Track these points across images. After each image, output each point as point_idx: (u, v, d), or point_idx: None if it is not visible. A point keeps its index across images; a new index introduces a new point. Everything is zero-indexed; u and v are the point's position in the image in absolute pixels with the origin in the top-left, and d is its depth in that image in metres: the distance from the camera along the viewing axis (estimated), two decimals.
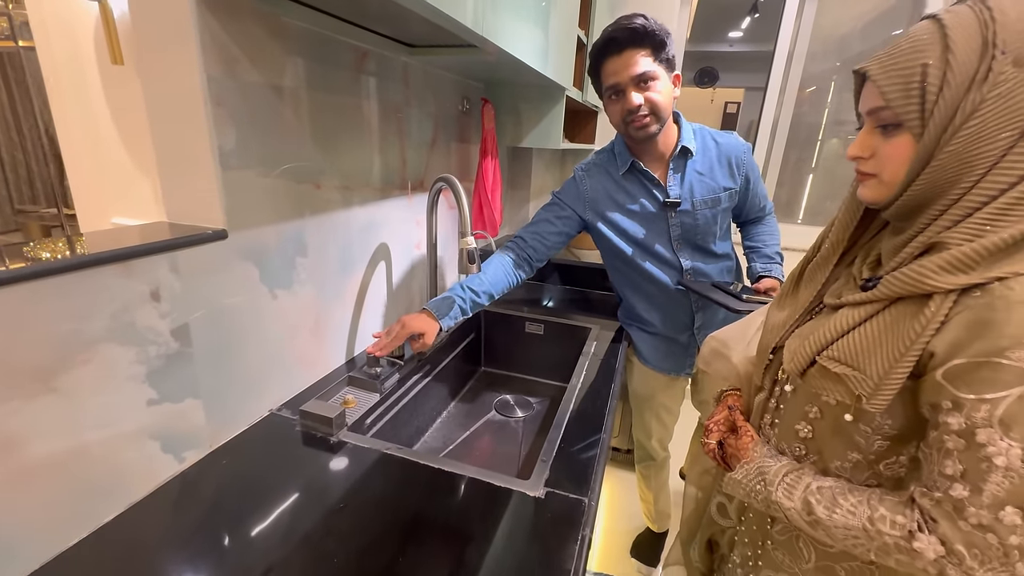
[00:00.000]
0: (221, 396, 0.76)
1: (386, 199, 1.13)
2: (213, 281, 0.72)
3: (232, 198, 0.72)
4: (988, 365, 0.44)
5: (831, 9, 2.24)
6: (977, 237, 0.45)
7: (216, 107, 0.67)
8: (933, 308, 0.47)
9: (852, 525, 0.52)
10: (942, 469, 0.47)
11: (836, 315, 0.56)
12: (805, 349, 0.57)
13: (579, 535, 0.63)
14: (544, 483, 0.72)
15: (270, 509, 0.66)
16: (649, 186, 1.13)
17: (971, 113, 0.45)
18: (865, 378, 0.50)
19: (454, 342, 1.29)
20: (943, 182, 0.47)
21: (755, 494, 0.60)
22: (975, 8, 0.45)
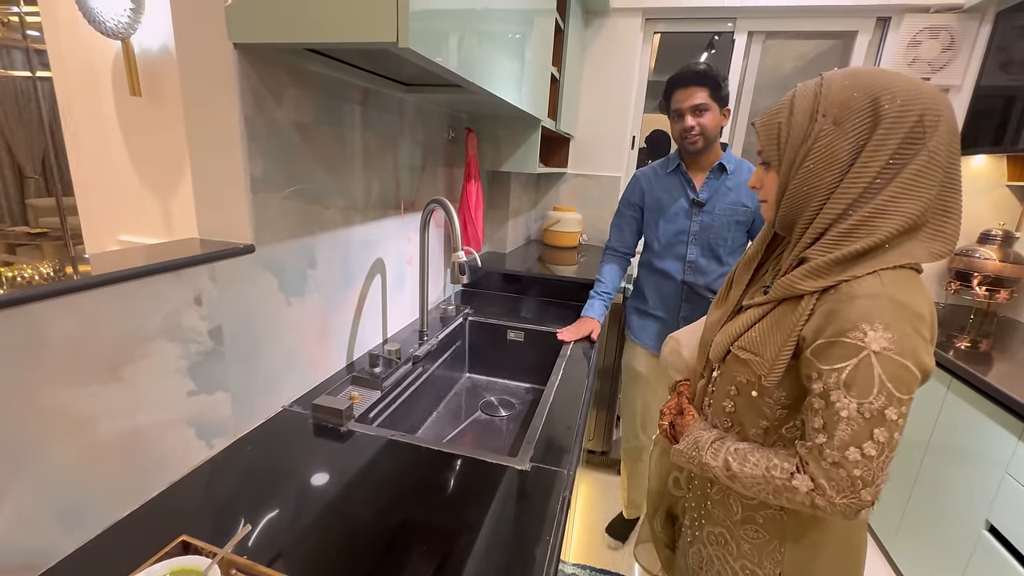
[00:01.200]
0: (245, 390, 0.86)
1: (382, 218, 1.26)
2: (242, 289, 0.83)
3: (258, 217, 0.84)
4: (836, 343, 0.59)
5: (773, 51, 2.52)
6: (828, 253, 0.61)
7: (250, 141, 0.80)
8: (803, 305, 0.63)
9: (756, 474, 0.65)
10: (812, 424, 0.61)
11: (743, 314, 0.73)
12: (722, 341, 0.74)
13: (560, 496, 0.76)
14: (530, 459, 0.85)
15: (296, 484, 0.76)
16: (684, 185, 1.45)
17: (804, 157, 0.63)
18: (763, 361, 0.66)
19: (442, 348, 1.41)
20: (796, 206, 0.65)
21: (692, 460, 0.74)
22: (817, 81, 0.64)
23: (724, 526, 0.78)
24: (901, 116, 0.57)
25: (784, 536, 0.71)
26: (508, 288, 1.94)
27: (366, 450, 0.86)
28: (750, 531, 0.74)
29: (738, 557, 0.76)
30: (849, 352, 0.58)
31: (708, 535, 0.81)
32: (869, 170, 0.59)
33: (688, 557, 0.85)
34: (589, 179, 2.58)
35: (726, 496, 0.77)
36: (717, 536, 0.79)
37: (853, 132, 0.60)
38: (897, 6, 2.10)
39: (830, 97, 0.61)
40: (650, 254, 1.54)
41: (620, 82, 2.45)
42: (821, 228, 0.63)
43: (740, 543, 0.75)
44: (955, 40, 2.07)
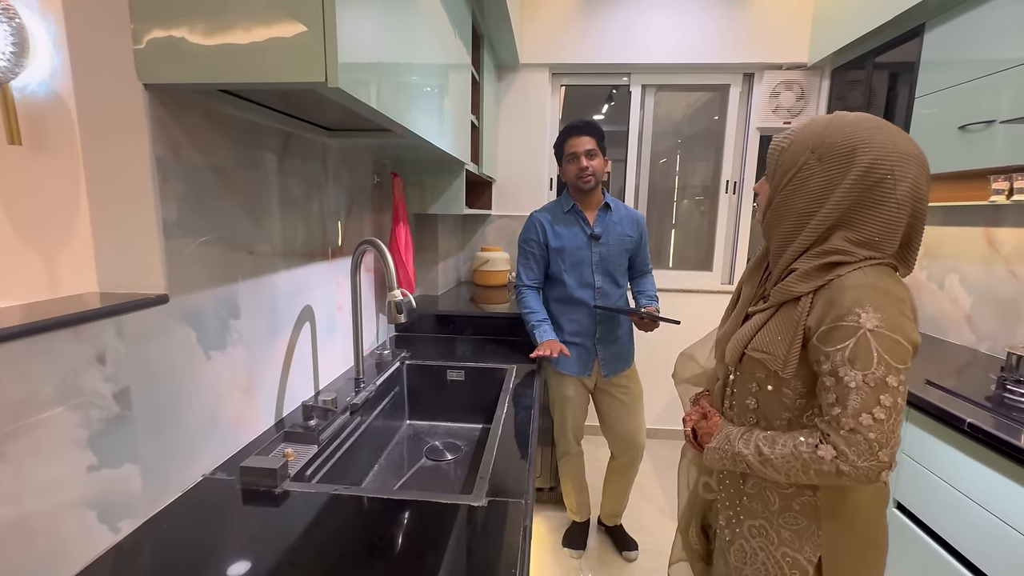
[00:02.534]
0: (158, 461, 0.76)
1: (309, 264, 1.21)
2: (154, 344, 0.75)
3: (173, 265, 0.77)
4: (837, 327, 0.69)
5: (665, 101, 2.86)
6: (810, 263, 0.74)
7: (163, 184, 0.75)
8: (803, 302, 0.74)
9: (785, 452, 0.73)
10: (826, 401, 0.70)
11: (750, 320, 0.83)
12: (735, 346, 0.83)
13: (521, 527, 0.74)
14: (485, 494, 0.82)
15: (225, 562, 0.67)
16: (581, 222, 1.68)
17: (788, 181, 0.77)
18: (775, 357, 0.76)
19: (380, 395, 1.35)
20: (775, 218, 0.79)
21: (725, 453, 0.80)
22: (825, 121, 0.75)
23: (763, 518, 0.82)
24: (871, 168, 0.69)
25: (820, 519, 0.78)
26: (443, 329, 1.91)
27: (307, 510, 0.79)
28: (789, 519, 0.80)
29: (779, 546, 0.80)
30: (848, 332, 0.68)
31: (748, 529, 0.84)
32: (843, 206, 0.72)
33: (729, 556, 0.88)
34: (514, 219, 2.68)
35: (762, 489, 0.82)
36: (758, 528, 0.83)
37: (829, 171, 0.72)
38: (758, 64, 2.48)
39: (825, 138, 0.73)
40: (562, 288, 1.70)
41: (534, 129, 2.62)
42: (803, 246, 0.76)
43: (780, 532, 0.80)
44: (805, 92, 2.48)
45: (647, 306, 1.73)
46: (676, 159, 3.19)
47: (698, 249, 3.02)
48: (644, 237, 1.77)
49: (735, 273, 2.77)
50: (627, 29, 2.46)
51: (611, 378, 1.75)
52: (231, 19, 0.66)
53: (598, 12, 2.46)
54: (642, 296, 1.79)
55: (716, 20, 2.42)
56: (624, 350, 1.77)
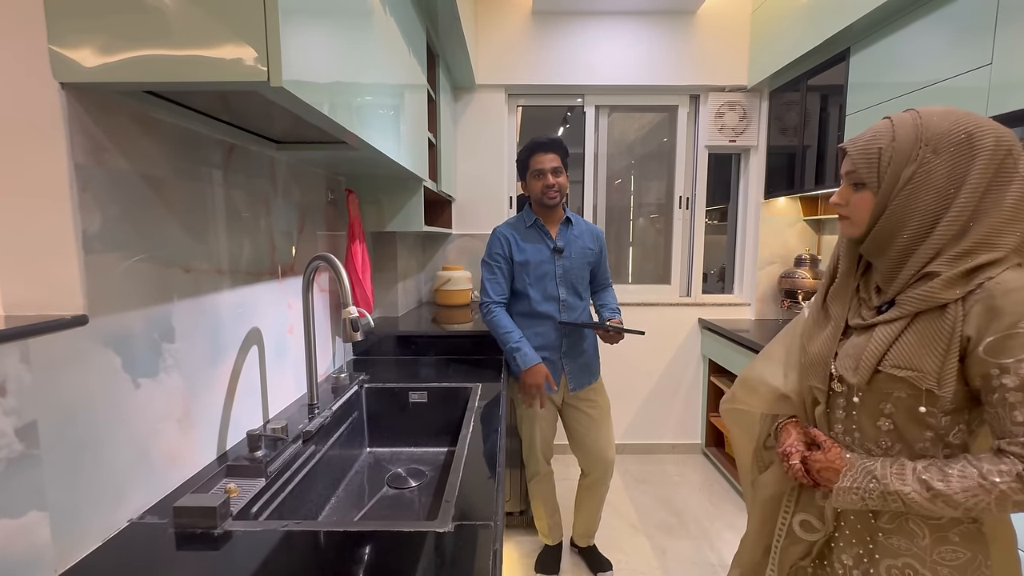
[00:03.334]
0: (72, 506, 0.66)
1: (256, 283, 1.13)
2: (69, 372, 0.66)
3: (94, 282, 0.69)
4: (1012, 336, 0.62)
5: (618, 123, 2.95)
6: (955, 266, 0.66)
7: (83, 192, 0.67)
8: (952, 311, 0.66)
9: (969, 486, 0.64)
10: (1014, 418, 0.63)
11: (875, 332, 0.73)
12: (866, 363, 0.72)
13: (491, 551, 0.69)
14: (452, 519, 0.77)
15: None
16: (544, 236, 1.69)
17: (907, 180, 0.68)
18: (925, 375, 0.67)
19: (337, 422, 1.26)
20: (895, 223, 0.70)
21: (869, 493, 0.70)
22: (912, 115, 0.70)
23: (910, 555, 0.72)
24: (996, 149, 0.65)
25: (988, 548, 0.69)
26: (404, 351, 1.84)
27: (254, 550, 0.70)
28: (947, 553, 0.70)
29: None
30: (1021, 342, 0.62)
31: (888, 569, 0.74)
32: (977, 195, 0.66)
33: None
34: (475, 238, 2.66)
35: (904, 522, 0.73)
36: (901, 568, 0.73)
37: (952, 161, 0.67)
38: (702, 86, 2.62)
39: (930, 129, 0.68)
40: (526, 302, 1.68)
41: (492, 148, 2.64)
42: (939, 245, 0.68)
43: (937, 569, 0.70)
44: (747, 112, 2.62)
45: (611, 319, 1.73)
46: (630, 179, 3.29)
47: (656, 264, 3.10)
48: (604, 250, 1.80)
49: (693, 284, 2.85)
50: (579, 52, 2.55)
51: (578, 392, 1.72)
52: (159, 11, 0.61)
53: (551, 35, 2.54)
54: (605, 309, 1.79)
55: (662, 44, 2.54)
56: (590, 363, 1.75)
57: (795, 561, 0.85)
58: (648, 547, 2.00)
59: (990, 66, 1.38)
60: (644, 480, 2.55)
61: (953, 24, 1.50)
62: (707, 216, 2.84)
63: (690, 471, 2.64)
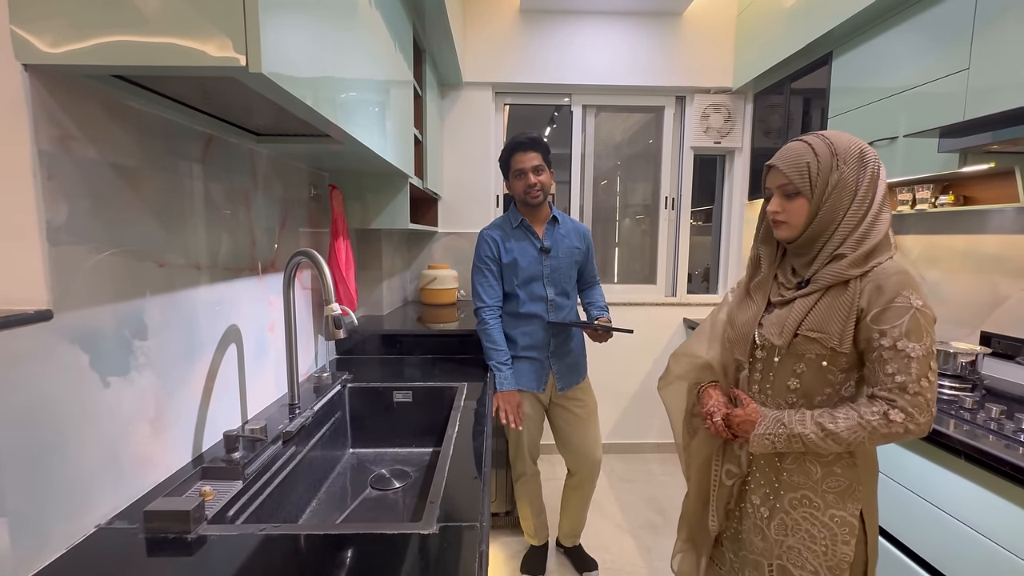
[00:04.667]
0: (33, 512, 0.63)
1: (235, 279, 1.10)
2: (30, 370, 0.62)
3: (60, 276, 0.66)
4: (890, 308, 0.81)
5: (605, 123, 2.96)
6: (856, 250, 0.85)
7: (48, 180, 0.64)
8: (853, 286, 0.84)
9: (851, 425, 0.83)
10: (885, 371, 0.82)
11: (794, 304, 0.90)
12: (789, 327, 0.89)
13: (477, 552, 0.67)
14: (436, 520, 0.75)
15: None
16: (531, 236, 1.67)
17: (833, 186, 0.85)
18: (830, 335, 0.85)
19: (318, 422, 1.23)
20: (825, 222, 0.87)
21: (778, 437, 0.87)
22: (820, 137, 0.88)
23: (806, 488, 0.90)
24: (874, 162, 0.85)
25: (858, 475, 0.89)
26: (389, 350, 1.81)
27: (229, 555, 0.68)
28: (832, 483, 0.89)
29: (826, 509, 0.88)
30: (901, 312, 0.81)
31: (789, 502, 0.91)
32: (867, 197, 0.85)
33: (769, 531, 0.94)
34: (461, 236, 2.64)
35: (803, 462, 0.91)
36: (799, 499, 0.90)
37: (854, 170, 0.85)
38: (688, 88, 2.64)
39: (839, 146, 0.86)
40: (514, 302, 1.68)
41: (479, 147, 2.62)
42: (845, 233, 0.86)
43: (825, 496, 0.89)
44: (732, 114, 2.65)
45: (599, 317, 1.73)
46: (617, 180, 3.30)
47: (642, 264, 3.11)
48: (591, 249, 1.79)
49: (678, 284, 2.86)
50: (567, 51, 2.54)
51: (566, 391, 1.72)
52: None
53: (539, 33, 2.53)
54: (592, 307, 1.79)
55: (649, 45, 2.56)
56: (577, 362, 1.75)
57: (724, 506, 1.03)
58: (634, 546, 2.01)
59: (967, 71, 1.41)
60: (630, 479, 2.56)
61: (931, 30, 1.53)
62: (692, 217, 2.86)
63: (675, 470, 2.65)
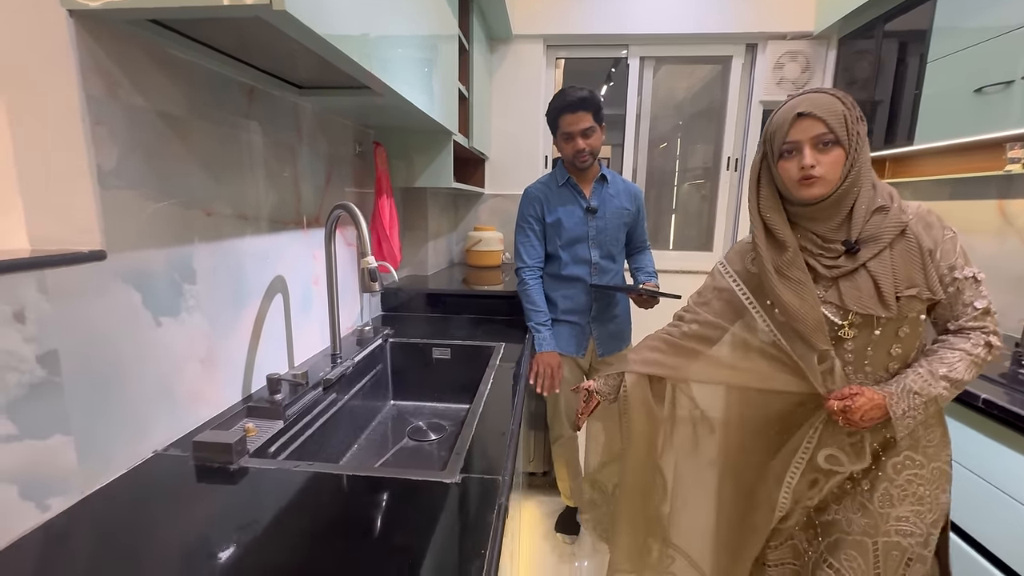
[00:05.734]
0: (98, 433, 0.69)
1: (281, 231, 1.13)
2: (89, 305, 0.67)
3: (112, 219, 0.70)
4: (944, 241, 0.83)
5: (666, 80, 2.75)
6: (891, 200, 0.85)
7: (95, 126, 0.67)
8: (910, 231, 0.83)
9: (967, 365, 0.81)
10: (963, 301, 0.83)
11: (870, 268, 0.84)
12: (888, 292, 0.83)
13: (496, 504, 0.67)
14: (460, 471, 0.76)
15: (169, 544, 0.60)
16: (577, 196, 1.58)
17: (862, 139, 0.83)
18: (922, 287, 0.82)
19: (360, 373, 1.28)
20: (856, 178, 0.84)
21: (916, 409, 0.82)
22: (830, 88, 0.84)
23: (907, 449, 0.88)
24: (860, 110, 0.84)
25: (944, 426, 0.90)
26: (433, 309, 1.84)
27: (267, 488, 0.72)
28: (930, 436, 0.88)
29: (929, 463, 0.88)
30: (950, 244, 0.83)
31: (893, 467, 0.88)
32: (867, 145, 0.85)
33: (872, 505, 0.89)
34: (507, 198, 2.60)
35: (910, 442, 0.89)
36: (902, 462, 0.88)
37: (863, 119, 0.84)
38: (761, 34, 2.38)
39: (847, 97, 0.83)
40: (556, 265, 1.62)
41: (529, 104, 2.53)
42: (872, 184, 0.85)
43: (926, 451, 0.88)
44: (810, 63, 2.37)
45: (645, 283, 1.65)
46: (677, 142, 3.10)
47: (698, 231, 2.94)
48: (642, 211, 1.69)
49: None
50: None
51: (606, 357, 1.68)
52: None
53: None
54: (640, 273, 1.71)
55: None
56: (621, 329, 1.69)
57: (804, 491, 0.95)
58: None
59: None
60: None
61: None
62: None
63: None
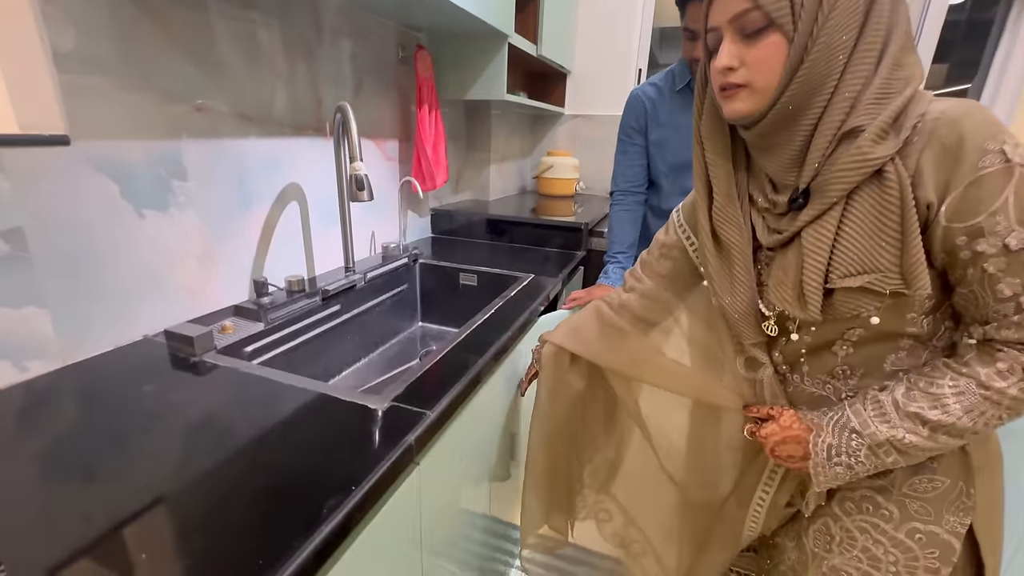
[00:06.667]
0: (76, 310, 0.75)
1: (296, 137, 1.11)
2: (56, 189, 0.70)
3: (76, 104, 0.70)
4: (977, 181, 0.45)
5: None
6: (876, 113, 0.48)
7: (46, 3, 0.65)
8: (892, 172, 0.48)
9: (972, 404, 0.50)
10: (998, 295, 0.47)
11: (802, 241, 0.54)
12: (812, 285, 0.53)
13: (402, 440, 0.59)
14: (392, 399, 0.69)
15: (104, 421, 0.64)
16: None
17: (829, 10, 0.48)
18: (886, 273, 0.50)
19: (377, 290, 1.26)
20: (815, 79, 0.50)
21: (854, 455, 0.55)
22: None
23: (871, 488, 0.61)
24: None
25: (971, 475, 0.58)
26: (486, 236, 1.75)
27: (208, 383, 0.73)
28: (922, 483, 0.59)
29: (902, 523, 0.60)
30: (994, 186, 0.45)
31: (842, 504, 0.64)
32: (883, 23, 0.49)
33: (806, 538, 0.68)
34: (589, 120, 2.32)
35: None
36: (858, 502, 0.62)
37: None
38: None
39: None
40: (656, 195, 1.32)
41: (622, 6, 2.15)
42: (856, 90, 0.50)
43: (905, 504, 0.59)
44: None
45: None
46: None
47: None
48: None
49: None
50: None
51: None
52: None
53: None
54: None
55: None
56: None
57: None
58: None
59: None
60: None
61: None
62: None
63: None
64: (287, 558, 0.43)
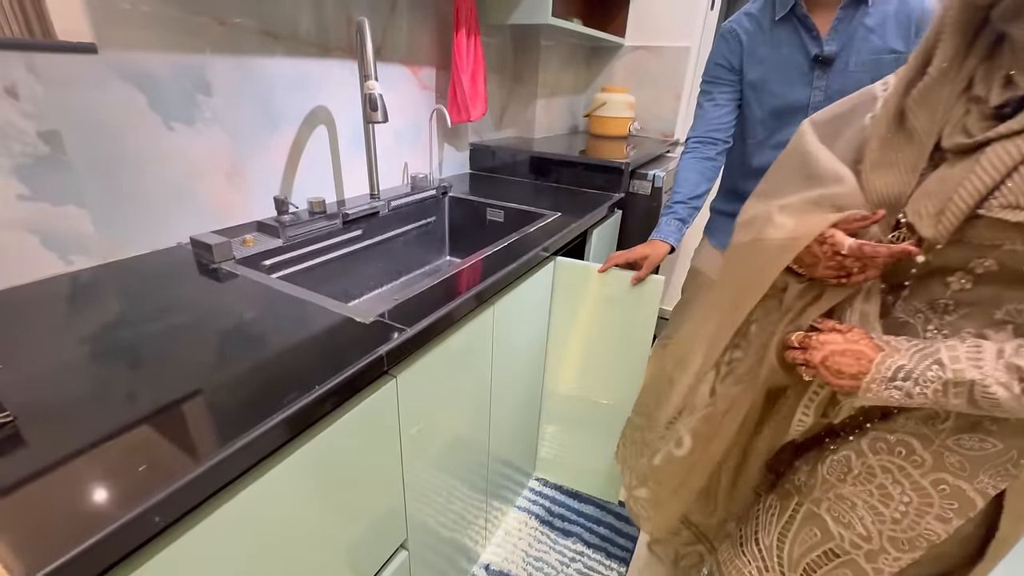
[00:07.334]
0: (112, 212, 0.82)
1: (324, 58, 1.10)
2: (86, 96, 0.75)
3: (101, 13, 0.74)
4: None
5: None
6: None
7: None
8: None
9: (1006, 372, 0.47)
10: None
11: (985, 155, 0.48)
12: (956, 210, 0.49)
13: (374, 351, 0.61)
14: (377, 314, 0.71)
15: (126, 313, 0.71)
16: (804, 35, 0.98)
17: None
18: None
19: (402, 219, 1.28)
20: None
21: (921, 382, 0.52)
22: None
23: (914, 434, 0.58)
24: None
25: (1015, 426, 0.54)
26: (528, 175, 1.69)
27: (221, 288, 0.79)
28: (971, 441, 0.55)
29: (932, 470, 0.57)
30: None
31: (872, 442, 0.61)
32: None
33: (821, 466, 0.66)
34: (650, 52, 2.12)
35: None
36: (892, 444, 0.60)
37: None
38: None
39: None
40: (743, 147, 1.14)
41: None
42: None
43: (942, 455, 0.57)
44: None
45: None
46: None
47: None
48: None
49: None
50: None
51: None
52: None
53: None
54: None
55: None
56: None
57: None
58: None
59: None
60: None
61: None
62: None
63: None
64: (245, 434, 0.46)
